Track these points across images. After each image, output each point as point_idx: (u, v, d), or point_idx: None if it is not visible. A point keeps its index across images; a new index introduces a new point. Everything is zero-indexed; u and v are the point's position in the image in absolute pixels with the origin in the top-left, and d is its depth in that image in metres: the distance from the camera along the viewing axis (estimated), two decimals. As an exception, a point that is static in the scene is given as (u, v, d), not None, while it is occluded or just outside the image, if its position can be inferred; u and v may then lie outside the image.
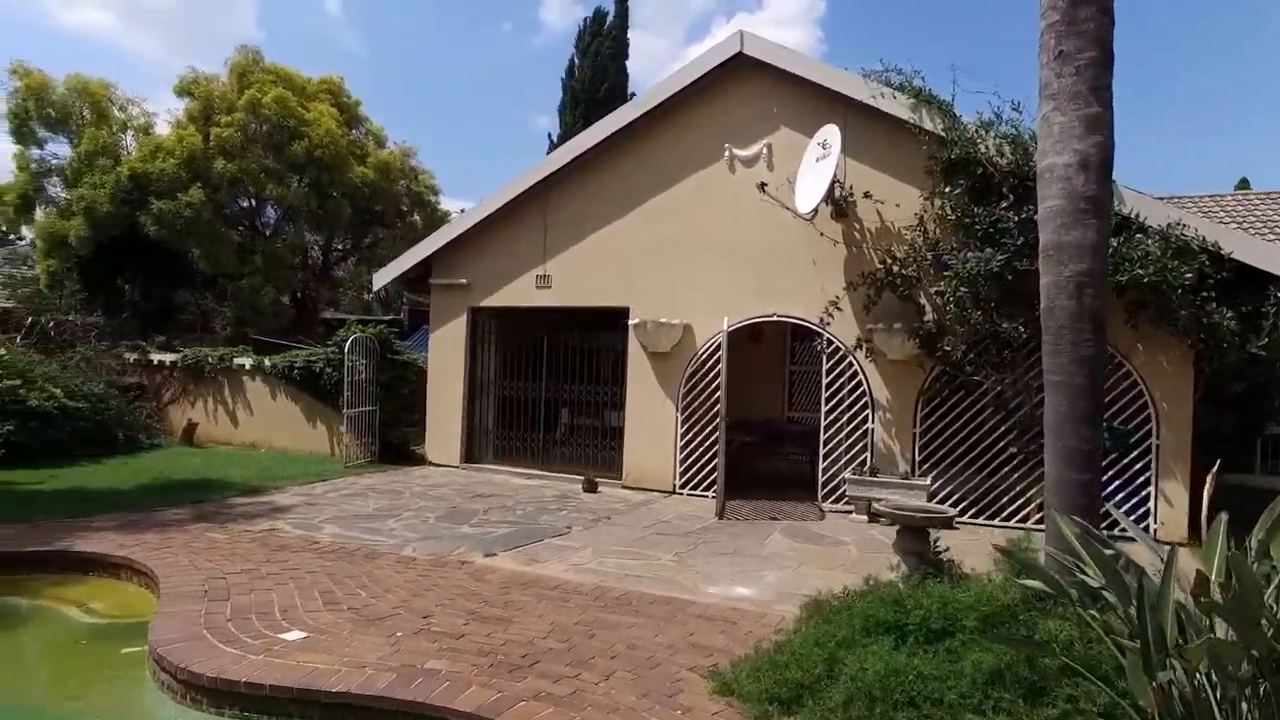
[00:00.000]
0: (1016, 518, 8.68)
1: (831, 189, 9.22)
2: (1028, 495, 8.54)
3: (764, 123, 10.10)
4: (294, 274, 18.98)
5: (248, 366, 14.07)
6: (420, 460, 12.42)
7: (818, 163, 9.26)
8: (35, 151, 18.10)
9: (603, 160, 11.05)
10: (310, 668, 4.14)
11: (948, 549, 5.65)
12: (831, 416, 9.63)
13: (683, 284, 10.52)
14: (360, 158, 19.56)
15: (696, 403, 10.37)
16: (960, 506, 8.86)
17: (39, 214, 17.69)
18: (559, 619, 5.12)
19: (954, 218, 8.59)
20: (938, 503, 8.93)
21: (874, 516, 8.93)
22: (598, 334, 11.34)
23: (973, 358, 8.58)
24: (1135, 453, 8.29)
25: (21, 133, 17.60)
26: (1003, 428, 8.72)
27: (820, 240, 9.62)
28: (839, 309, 9.21)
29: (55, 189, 17.98)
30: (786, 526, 8.56)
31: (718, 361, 9.74)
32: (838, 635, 4.29)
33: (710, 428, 10.04)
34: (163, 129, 19.03)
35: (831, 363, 9.61)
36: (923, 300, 8.99)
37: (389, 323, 16.68)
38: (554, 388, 11.85)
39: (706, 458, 10.11)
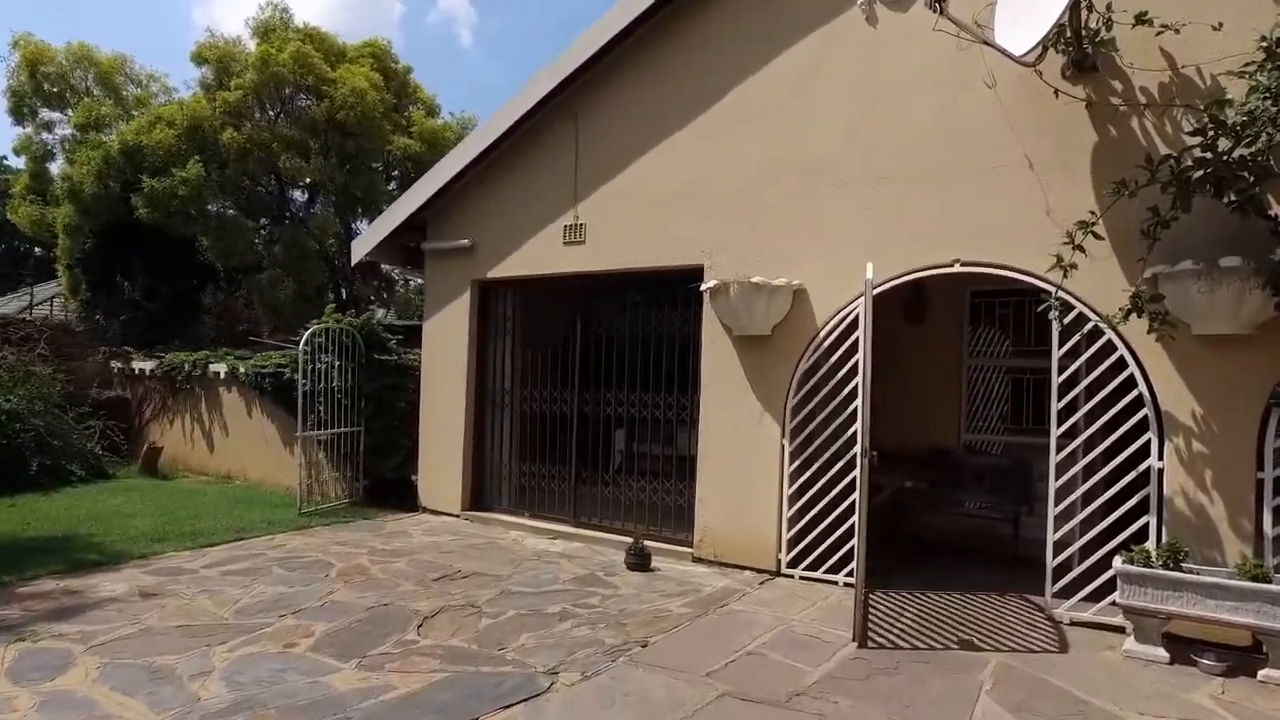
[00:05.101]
0: None
1: (1075, 10, 4.81)
2: None
3: (927, -71, 5.79)
4: (324, 265, 15.82)
5: (223, 375, 10.84)
6: (416, 505, 8.68)
7: (1041, -37, 4.86)
8: (43, 135, 15.86)
9: (658, 42, 7.01)
10: None
11: None
12: (1070, 446, 5.14)
13: (790, 223, 6.31)
14: (404, 128, 16.33)
15: (817, 420, 6.10)
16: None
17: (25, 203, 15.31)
18: None
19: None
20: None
21: (1176, 645, 4.41)
22: (664, 312, 7.23)
23: None
24: None
25: (20, 112, 15.31)
26: None
27: (1044, 115, 5.20)
28: (1097, 235, 4.71)
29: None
30: (998, 671, 4.18)
31: (852, 348, 5.51)
32: None
33: (843, 462, 5.80)
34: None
35: (1068, 346, 5.13)
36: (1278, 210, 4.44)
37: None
38: (599, 398, 7.72)
39: (836, 514, 5.83)
